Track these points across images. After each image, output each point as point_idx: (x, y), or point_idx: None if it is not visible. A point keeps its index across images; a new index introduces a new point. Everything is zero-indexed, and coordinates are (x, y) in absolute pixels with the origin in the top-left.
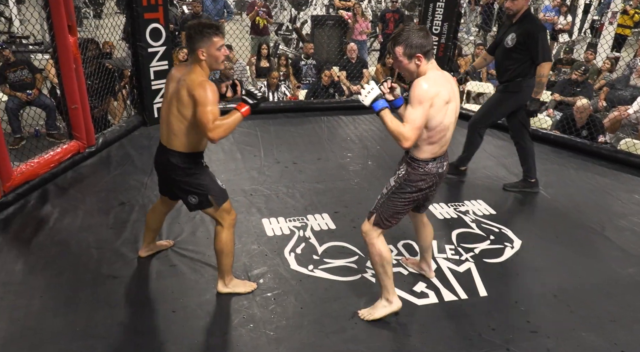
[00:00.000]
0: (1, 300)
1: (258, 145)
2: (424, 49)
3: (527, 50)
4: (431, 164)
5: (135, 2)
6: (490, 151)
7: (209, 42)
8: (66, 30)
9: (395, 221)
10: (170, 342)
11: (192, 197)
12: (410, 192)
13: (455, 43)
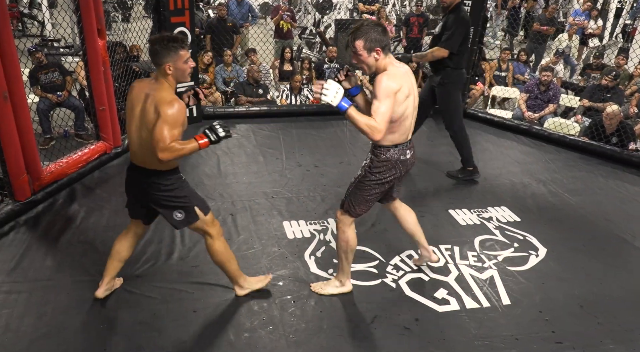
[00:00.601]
0: (30, 296)
1: (280, 148)
2: (382, 43)
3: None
4: (392, 150)
5: (163, 6)
6: (515, 157)
7: (175, 56)
8: (96, 34)
9: (364, 208)
10: (190, 342)
11: (178, 212)
12: (375, 180)
13: (481, 47)
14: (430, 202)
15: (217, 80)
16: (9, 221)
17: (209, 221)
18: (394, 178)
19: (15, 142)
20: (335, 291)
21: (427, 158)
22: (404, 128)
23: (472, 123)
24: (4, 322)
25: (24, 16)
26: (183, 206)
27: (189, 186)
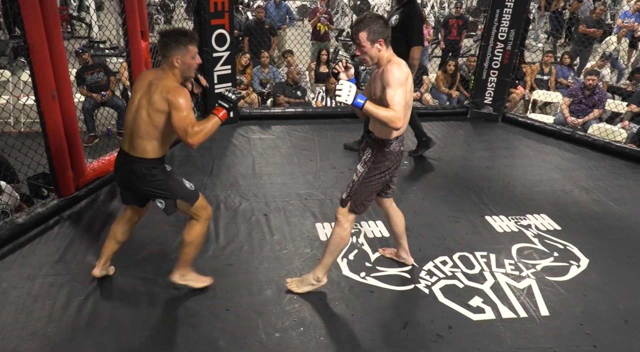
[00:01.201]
0: (72, 288)
1: (314, 150)
2: (383, 35)
3: (405, 31)
4: (394, 143)
5: (203, 8)
6: (556, 163)
7: (184, 51)
8: (139, 36)
9: (368, 204)
10: (222, 339)
11: (161, 202)
12: (379, 173)
13: (522, 50)
14: (466, 208)
15: (254, 81)
16: (54, 215)
17: (199, 208)
18: (393, 170)
19: (62, 139)
20: (311, 289)
21: (464, 163)
22: (407, 118)
23: (511, 128)
24: (47, 313)
25: (72, 19)
26: (166, 197)
27: (174, 176)
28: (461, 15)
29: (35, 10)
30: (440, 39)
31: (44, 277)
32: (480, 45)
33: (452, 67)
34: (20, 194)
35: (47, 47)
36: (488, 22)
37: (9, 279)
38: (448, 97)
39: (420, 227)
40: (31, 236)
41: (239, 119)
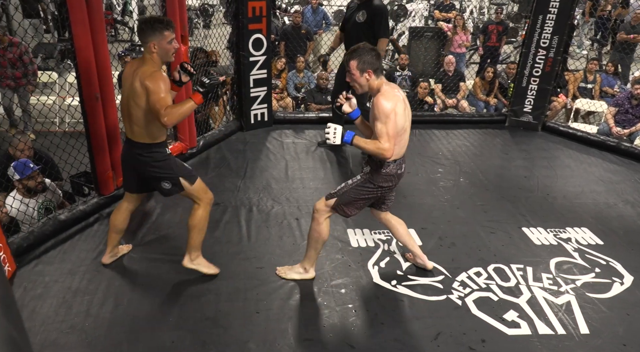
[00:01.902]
0: (109, 284)
1: (347, 155)
2: (373, 66)
3: (372, 25)
4: (392, 165)
5: (242, 13)
6: (599, 175)
7: (160, 36)
8: (179, 40)
9: (349, 211)
10: (252, 342)
11: (165, 183)
12: (372, 188)
13: (565, 57)
14: (503, 219)
15: (289, 85)
16: (94, 213)
17: (198, 189)
18: (388, 189)
19: (103, 140)
20: (297, 277)
21: (501, 172)
22: (403, 143)
23: (551, 137)
24: (85, 308)
25: (116, 23)
26: (169, 177)
27: (175, 159)
28: (501, 21)
29: (83, 15)
30: (479, 45)
31: (83, 273)
32: (521, 51)
33: (491, 74)
34: (63, 191)
35: (92, 51)
36: (530, 28)
37: (51, 273)
38: (485, 104)
39: (454, 237)
40: (72, 233)
41: (273, 123)
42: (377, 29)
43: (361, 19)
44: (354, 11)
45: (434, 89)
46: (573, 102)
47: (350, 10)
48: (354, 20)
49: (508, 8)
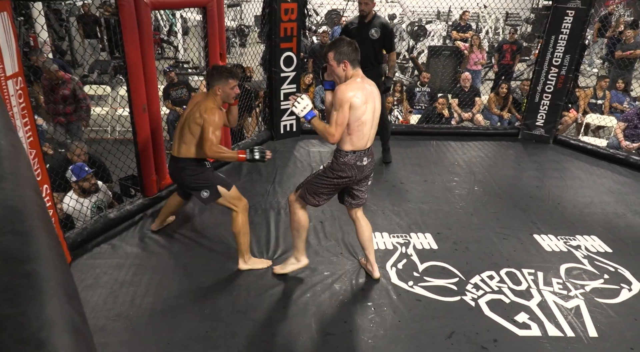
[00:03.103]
0: (151, 278)
1: None
2: (350, 57)
3: (384, 40)
4: (350, 155)
5: (274, 33)
6: (609, 186)
7: (225, 82)
8: (218, 57)
9: (315, 199)
10: (278, 335)
11: (204, 192)
12: (331, 177)
13: (577, 75)
14: (515, 225)
15: (316, 99)
16: (139, 212)
17: (234, 196)
18: (348, 180)
19: (149, 147)
20: (294, 268)
21: (513, 182)
22: (361, 134)
23: (562, 150)
24: (130, 298)
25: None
26: (207, 186)
27: (212, 171)
28: (515, 40)
29: (134, 36)
30: (494, 63)
31: (129, 266)
32: (534, 69)
33: (505, 90)
34: (112, 192)
35: (141, 67)
36: (543, 47)
37: (100, 265)
38: (499, 118)
39: (467, 242)
40: (120, 230)
41: (301, 133)
42: (388, 43)
43: (375, 35)
44: (360, 29)
45: (451, 103)
46: (583, 117)
47: (356, 29)
48: (367, 37)
49: (522, 29)
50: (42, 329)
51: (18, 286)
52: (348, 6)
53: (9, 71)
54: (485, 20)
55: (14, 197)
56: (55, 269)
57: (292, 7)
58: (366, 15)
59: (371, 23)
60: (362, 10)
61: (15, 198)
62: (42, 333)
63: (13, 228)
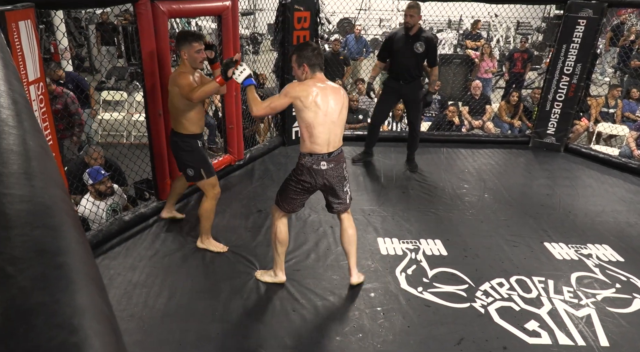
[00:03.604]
0: (164, 279)
1: (379, 170)
2: (310, 61)
3: (427, 55)
4: (307, 158)
5: (287, 41)
6: (621, 195)
7: (189, 46)
8: None
9: (287, 206)
10: (288, 337)
11: (189, 170)
12: (295, 181)
13: (588, 84)
14: (525, 233)
15: None
16: (153, 215)
17: (210, 183)
18: (310, 185)
19: (164, 151)
20: (269, 280)
21: (524, 189)
22: (315, 138)
23: (573, 158)
24: (143, 299)
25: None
26: (192, 166)
27: (202, 152)
28: (526, 49)
29: (151, 43)
30: (505, 71)
31: (143, 267)
32: (545, 78)
33: (515, 98)
34: (127, 195)
35: (158, 74)
36: (554, 56)
37: (115, 267)
38: (510, 126)
39: (477, 249)
40: (134, 232)
41: None
42: (432, 58)
43: (420, 49)
44: (405, 42)
45: (462, 111)
46: (595, 126)
47: (400, 41)
48: (411, 50)
49: (533, 37)
50: (74, 316)
51: (51, 276)
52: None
53: (32, 77)
54: (496, 29)
55: (44, 195)
56: (84, 262)
57: (305, 16)
58: (411, 28)
59: (416, 36)
60: (407, 23)
61: (45, 195)
62: (75, 320)
63: (44, 223)
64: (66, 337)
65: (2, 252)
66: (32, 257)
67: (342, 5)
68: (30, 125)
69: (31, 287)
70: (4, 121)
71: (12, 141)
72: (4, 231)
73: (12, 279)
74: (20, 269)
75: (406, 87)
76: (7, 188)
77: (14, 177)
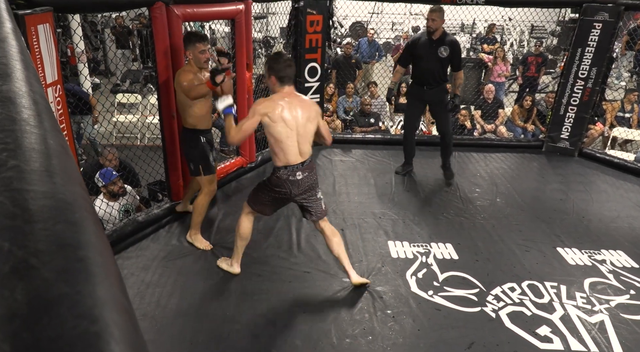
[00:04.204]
0: (176, 280)
1: (390, 173)
2: (278, 73)
3: (452, 59)
4: (282, 171)
5: (300, 44)
6: (636, 200)
7: (193, 47)
8: (244, 67)
9: (256, 207)
10: (298, 339)
11: (190, 164)
12: (268, 189)
13: (604, 88)
14: (538, 238)
15: (339, 109)
16: (166, 216)
17: (207, 179)
18: (284, 194)
19: (177, 153)
20: (225, 268)
21: (536, 194)
22: (286, 151)
23: (588, 163)
24: (155, 299)
25: None
26: (193, 161)
27: (204, 149)
28: (541, 53)
29: (165, 46)
30: (518, 75)
31: (156, 268)
32: (560, 81)
33: (529, 102)
34: (140, 197)
35: (172, 76)
36: (569, 60)
37: (128, 267)
38: (523, 130)
39: (488, 253)
40: (147, 233)
41: None
42: (456, 62)
43: (444, 54)
44: (428, 48)
45: (474, 115)
46: (610, 131)
47: (423, 46)
48: (435, 55)
49: (547, 41)
50: (95, 307)
51: (73, 269)
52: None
53: (49, 79)
54: (509, 33)
55: (65, 191)
56: (103, 256)
57: (317, 19)
58: (434, 32)
59: (440, 40)
60: (429, 27)
61: (66, 192)
62: (95, 310)
63: (65, 218)
64: (87, 326)
65: (27, 246)
66: (55, 250)
67: (355, 9)
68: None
69: (54, 279)
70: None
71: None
72: (28, 225)
73: (36, 271)
74: (43, 262)
75: (430, 92)
76: (29, 185)
77: (36, 174)
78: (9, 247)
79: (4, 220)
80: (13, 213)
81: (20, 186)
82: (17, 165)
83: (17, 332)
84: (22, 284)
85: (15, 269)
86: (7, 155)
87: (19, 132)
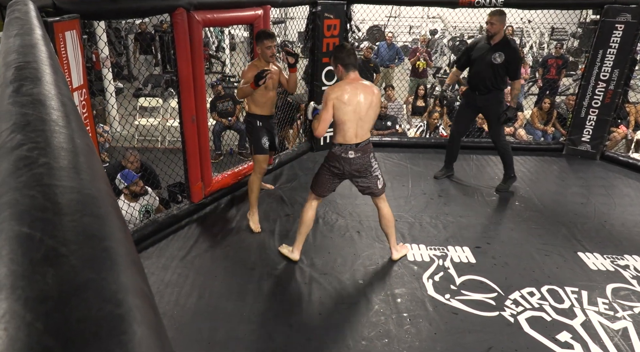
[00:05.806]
0: (195, 279)
1: (407, 176)
2: (343, 61)
3: (508, 66)
4: (337, 147)
5: (317, 48)
6: None
7: (261, 43)
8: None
9: (319, 190)
10: (314, 340)
11: (247, 144)
12: (326, 167)
13: (626, 90)
14: (558, 242)
15: None
16: (186, 217)
17: (258, 160)
18: (339, 170)
19: (196, 155)
20: (285, 253)
21: (556, 198)
22: (344, 131)
23: (610, 166)
24: (174, 298)
25: (211, 57)
26: (248, 141)
27: (258, 132)
28: (561, 55)
29: (186, 51)
30: (538, 78)
31: (175, 268)
32: (580, 84)
33: (548, 105)
34: (161, 198)
35: (192, 81)
36: (590, 62)
37: (148, 266)
38: (543, 133)
39: (507, 257)
40: (167, 233)
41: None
42: (512, 70)
43: (498, 60)
44: (485, 52)
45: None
46: (634, 133)
47: (479, 50)
48: (488, 60)
49: (568, 43)
50: (119, 292)
51: (98, 257)
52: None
53: (75, 84)
54: (529, 35)
55: (91, 187)
56: (126, 247)
57: (335, 24)
58: (492, 36)
59: (498, 46)
60: (488, 31)
61: (92, 188)
62: (119, 295)
63: (92, 211)
64: (112, 309)
65: (56, 236)
66: (82, 240)
67: (372, 13)
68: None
69: (81, 266)
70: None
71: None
72: (58, 217)
73: (65, 258)
74: (72, 250)
75: (481, 98)
76: (59, 180)
77: (65, 171)
78: (41, 237)
79: (36, 212)
80: (44, 206)
81: (50, 181)
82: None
83: (49, 312)
84: (53, 270)
85: (46, 256)
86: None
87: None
